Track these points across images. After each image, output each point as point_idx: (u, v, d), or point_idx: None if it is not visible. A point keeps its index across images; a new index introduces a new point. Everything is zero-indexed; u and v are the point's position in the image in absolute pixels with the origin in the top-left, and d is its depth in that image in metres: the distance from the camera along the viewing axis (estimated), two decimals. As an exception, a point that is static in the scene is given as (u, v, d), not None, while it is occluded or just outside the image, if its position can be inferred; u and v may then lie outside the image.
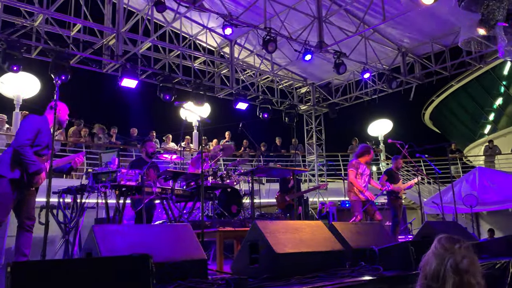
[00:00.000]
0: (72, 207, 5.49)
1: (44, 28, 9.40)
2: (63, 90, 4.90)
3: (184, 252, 3.44)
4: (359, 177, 6.83)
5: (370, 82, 13.17)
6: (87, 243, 3.26)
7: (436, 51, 11.85)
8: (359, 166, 6.87)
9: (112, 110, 16.12)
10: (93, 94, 15.58)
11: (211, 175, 7.50)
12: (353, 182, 6.79)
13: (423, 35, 11.35)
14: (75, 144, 11.16)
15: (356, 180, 6.79)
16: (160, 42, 10.97)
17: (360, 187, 6.77)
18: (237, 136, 12.82)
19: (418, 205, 12.01)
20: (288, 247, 3.70)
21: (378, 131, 15.69)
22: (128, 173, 5.11)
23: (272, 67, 12.48)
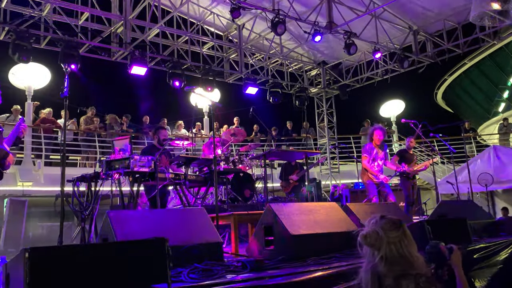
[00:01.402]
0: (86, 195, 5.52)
1: (52, 18, 9.39)
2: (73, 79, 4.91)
3: (200, 236, 3.46)
4: (372, 162, 6.77)
5: (382, 62, 12.98)
6: (103, 229, 3.29)
7: (448, 28, 11.61)
8: (371, 150, 6.80)
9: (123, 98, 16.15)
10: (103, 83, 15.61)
11: (223, 160, 7.51)
12: (366, 167, 6.76)
13: (435, 12, 11.11)
14: (86, 133, 11.22)
15: (368, 165, 6.74)
16: (168, 28, 10.91)
17: (374, 172, 6.70)
18: (247, 121, 12.80)
19: (432, 186, 11.93)
20: (302, 228, 3.70)
21: (390, 112, 15.52)
22: (141, 159, 5.12)
23: (281, 50, 12.35)
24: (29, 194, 9.10)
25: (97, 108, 11.49)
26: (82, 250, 2.37)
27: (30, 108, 10.51)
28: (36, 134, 10.54)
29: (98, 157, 10.80)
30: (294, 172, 9.01)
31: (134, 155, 5.11)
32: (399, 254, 1.96)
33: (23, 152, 10.27)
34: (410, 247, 1.99)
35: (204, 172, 6.52)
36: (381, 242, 1.98)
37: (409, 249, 1.98)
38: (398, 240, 1.98)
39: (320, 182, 11.99)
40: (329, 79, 14.44)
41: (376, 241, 1.99)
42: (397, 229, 2.00)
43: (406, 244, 1.99)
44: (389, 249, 1.96)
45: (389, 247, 1.96)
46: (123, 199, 5.77)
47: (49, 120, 10.69)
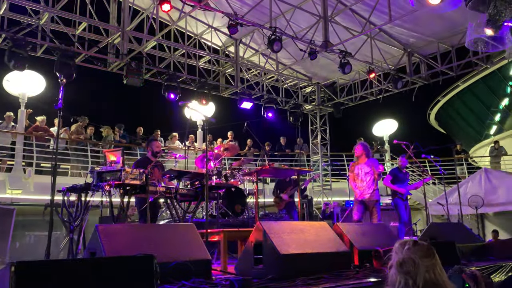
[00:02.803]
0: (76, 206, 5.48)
1: (50, 27, 9.42)
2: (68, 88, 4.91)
3: (188, 252, 3.44)
4: (356, 178, 6.86)
5: (376, 82, 13.11)
6: (91, 242, 3.26)
7: (442, 51, 11.78)
8: (354, 168, 6.94)
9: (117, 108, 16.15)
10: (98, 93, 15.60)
11: (215, 175, 7.50)
12: (351, 185, 6.99)
13: (429, 35, 11.28)
14: (77, 142, 11.16)
15: (352, 183, 6.93)
16: (165, 41, 10.97)
17: (354, 189, 6.88)
18: (241, 136, 12.82)
19: (423, 206, 11.96)
20: (292, 248, 3.69)
21: (383, 131, 15.63)
22: (132, 172, 5.11)
23: (277, 67, 12.45)
24: (18, 202, 9.00)
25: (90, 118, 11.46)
26: (70, 265, 2.35)
27: (23, 115, 10.46)
28: (28, 142, 10.47)
29: (89, 166, 10.75)
30: (288, 188, 9.01)
31: (125, 167, 5.11)
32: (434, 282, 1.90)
33: (14, 160, 10.19)
34: (443, 275, 1.94)
35: (196, 186, 6.52)
36: (417, 270, 1.91)
37: (443, 277, 1.93)
38: (433, 268, 1.92)
39: (312, 198, 11.99)
40: (324, 96, 14.55)
41: (412, 268, 1.92)
42: (431, 256, 1.95)
43: (439, 271, 1.93)
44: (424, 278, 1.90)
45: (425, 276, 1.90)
46: (113, 210, 5.73)
47: (42, 128, 10.65)
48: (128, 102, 14.37)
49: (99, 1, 9.92)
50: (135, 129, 12.33)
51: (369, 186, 6.75)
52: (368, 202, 6.74)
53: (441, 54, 11.81)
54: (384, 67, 12.03)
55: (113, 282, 2.36)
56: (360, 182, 6.80)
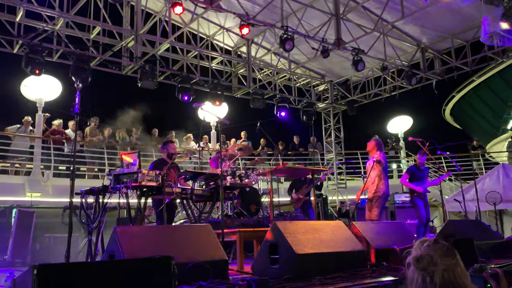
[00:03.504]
0: (94, 208, 5.56)
1: (65, 32, 9.56)
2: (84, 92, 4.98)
3: (205, 253, 3.47)
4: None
5: (389, 79, 13.01)
6: (110, 244, 3.31)
7: (456, 46, 11.62)
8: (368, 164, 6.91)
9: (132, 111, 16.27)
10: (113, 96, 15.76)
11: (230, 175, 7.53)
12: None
13: (443, 30, 11.15)
14: (92, 145, 11.28)
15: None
16: (178, 43, 11.04)
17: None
18: (255, 135, 12.84)
19: (439, 203, 11.83)
20: (308, 247, 3.70)
21: (398, 128, 15.48)
22: (148, 174, 5.16)
23: (289, 66, 12.44)
24: (37, 205, 9.17)
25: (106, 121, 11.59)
26: (90, 267, 2.40)
27: (41, 120, 10.64)
28: (45, 145, 10.65)
29: (106, 169, 10.88)
30: (303, 187, 9.00)
31: (142, 169, 5.16)
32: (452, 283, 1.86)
33: (32, 163, 10.37)
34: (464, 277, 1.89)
35: (211, 187, 6.55)
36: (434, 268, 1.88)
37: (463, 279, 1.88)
38: (452, 268, 1.87)
39: (327, 197, 11.95)
40: (337, 94, 14.48)
41: (429, 265, 1.88)
42: (452, 256, 1.90)
43: (460, 273, 1.88)
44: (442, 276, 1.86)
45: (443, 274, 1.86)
46: (130, 212, 5.80)
47: (59, 131, 10.81)
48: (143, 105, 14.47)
49: (112, 5, 10.03)
50: (150, 131, 12.43)
51: (372, 181, 6.66)
52: (372, 198, 6.63)
53: (456, 49, 11.66)
54: (398, 63, 11.92)
55: (132, 283, 2.40)
56: (368, 177, 6.74)
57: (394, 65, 11.98)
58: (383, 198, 6.57)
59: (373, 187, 6.59)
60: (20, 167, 10.46)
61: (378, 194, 6.56)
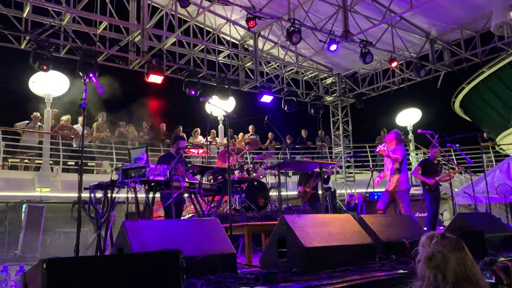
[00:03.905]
0: (103, 202, 5.60)
1: (72, 27, 9.59)
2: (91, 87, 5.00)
3: (213, 246, 3.48)
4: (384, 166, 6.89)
5: (398, 71, 12.90)
6: (119, 238, 3.33)
7: (466, 37, 11.49)
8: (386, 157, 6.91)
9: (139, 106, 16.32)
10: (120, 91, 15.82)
11: (237, 169, 7.54)
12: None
13: (452, 21, 11.02)
14: (100, 139, 11.35)
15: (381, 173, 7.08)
16: (185, 37, 11.03)
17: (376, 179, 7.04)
18: (262, 129, 12.81)
19: (449, 196, 11.74)
20: (316, 241, 3.69)
21: (407, 121, 15.38)
22: (156, 168, 5.18)
23: (296, 59, 12.38)
24: (47, 200, 9.25)
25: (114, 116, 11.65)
26: (99, 262, 2.41)
27: (49, 115, 10.72)
28: (54, 141, 10.73)
29: (114, 163, 10.96)
30: (310, 180, 9.00)
31: (150, 164, 5.18)
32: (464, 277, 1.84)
33: (42, 159, 10.46)
34: (474, 268, 1.88)
35: (218, 181, 6.57)
36: (446, 265, 1.86)
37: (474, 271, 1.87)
38: (463, 262, 1.86)
39: (335, 191, 11.94)
40: (345, 87, 14.40)
41: (441, 263, 1.87)
42: (461, 249, 1.89)
43: (470, 265, 1.87)
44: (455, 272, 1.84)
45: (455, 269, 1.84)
46: (139, 206, 5.83)
47: (68, 127, 10.89)
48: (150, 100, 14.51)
49: (119, 0, 10.04)
50: (158, 126, 12.47)
51: (391, 175, 6.65)
52: (392, 192, 6.64)
53: (465, 40, 11.53)
54: (406, 55, 11.82)
55: (141, 277, 2.41)
56: (387, 170, 6.74)
57: (402, 57, 11.88)
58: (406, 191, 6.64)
59: (392, 180, 6.59)
60: (29, 162, 10.56)
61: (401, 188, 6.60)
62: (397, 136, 6.81)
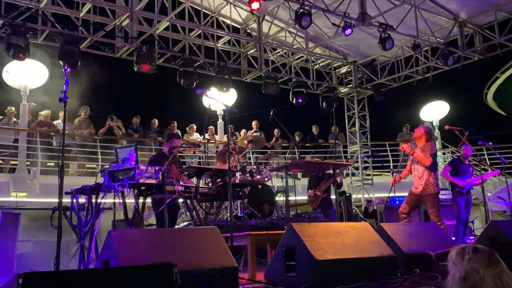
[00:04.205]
0: (87, 209, 5.61)
1: (51, 10, 9.61)
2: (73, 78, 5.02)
3: (212, 259, 3.48)
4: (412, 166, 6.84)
5: (422, 59, 12.87)
6: (104, 250, 3.35)
7: (500, 19, 11.43)
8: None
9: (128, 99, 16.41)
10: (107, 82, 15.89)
11: (239, 171, 7.55)
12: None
13: (484, 1, 10.97)
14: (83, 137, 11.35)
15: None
16: (179, 21, 11.03)
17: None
18: (267, 125, 12.82)
19: (481, 201, 11.71)
20: (329, 253, 3.69)
21: (432, 115, 15.35)
22: (147, 170, 5.18)
23: (306, 45, 12.36)
24: (23, 206, 9.28)
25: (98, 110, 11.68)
26: (82, 276, 2.42)
27: (26, 110, 10.73)
28: (31, 139, 10.75)
29: (100, 165, 10.98)
30: (321, 183, 9.00)
31: (140, 165, 5.19)
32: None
33: (17, 159, 10.49)
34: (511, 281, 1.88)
35: (218, 184, 6.57)
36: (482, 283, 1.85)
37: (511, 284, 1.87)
38: (499, 277, 1.86)
39: (351, 195, 11.92)
40: (362, 77, 14.38)
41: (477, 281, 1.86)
42: (496, 263, 1.89)
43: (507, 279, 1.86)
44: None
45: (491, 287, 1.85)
46: (127, 213, 5.85)
47: (47, 123, 10.91)
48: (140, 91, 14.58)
49: (104, -22, 10.07)
50: (149, 121, 12.50)
51: (419, 176, 6.61)
52: (420, 196, 6.59)
53: (499, 23, 11.47)
54: (432, 40, 11.78)
55: (130, 294, 2.42)
56: (414, 171, 6.72)
57: (427, 42, 11.84)
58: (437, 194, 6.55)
59: (420, 182, 6.54)
60: (3, 163, 10.60)
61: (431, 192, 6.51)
62: (427, 131, 6.78)
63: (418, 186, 6.57)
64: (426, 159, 6.48)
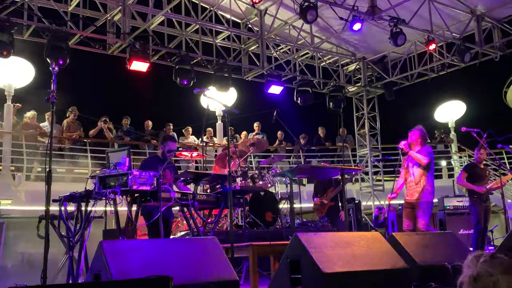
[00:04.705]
0: (76, 217, 5.61)
1: (37, 3, 9.63)
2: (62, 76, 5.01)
3: (211, 272, 3.48)
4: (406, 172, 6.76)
5: (437, 55, 12.87)
6: (95, 262, 3.34)
7: (521, 13, 11.45)
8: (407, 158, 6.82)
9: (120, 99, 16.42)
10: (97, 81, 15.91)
11: (240, 176, 7.55)
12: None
13: (504, -8, 10.98)
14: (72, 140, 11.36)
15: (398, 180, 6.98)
16: (175, 15, 11.04)
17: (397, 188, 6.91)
18: (270, 127, 12.81)
19: (501, 209, 11.69)
20: (338, 265, 3.69)
21: (448, 116, 15.35)
22: (141, 176, 5.18)
23: (312, 41, 12.37)
24: (8, 214, 9.29)
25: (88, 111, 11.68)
26: (70, 291, 2.41)
27: (10, 111, 10.74)
28: (16, 142, 10.75)
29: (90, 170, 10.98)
30: (328, 190, 9.00)
31: (133, 171, 5.19)
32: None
33: (1, 164, 10.50)
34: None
35: (217, 191, 6.57)
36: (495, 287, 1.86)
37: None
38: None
39: (360, 203, 11.91)
40: (372, 75, 14.39)
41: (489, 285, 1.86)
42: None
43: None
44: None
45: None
46: (119, 222, 5.84)
47: (33, 125, 10.92)
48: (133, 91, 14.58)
49: (94, -30, 10.09)
50: (142, 123, 12.50)
51: (417, 181, 6.57)
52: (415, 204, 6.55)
53: (520, 17, 11.48)
54: (447, 35, 11.78)
55: (123, 310, 2.41)
56: (409, 176, 6.65)
57: (442, 37, 11.83)
58: (431, 203, 6.54)
59: (416, 189, 6.52)
60: (-14, 169, 10.61)
61: (425, 199, 6.49)
62: (422, 135, 6.77)
63: (414, 193, 6.51)
64: (424, 157, 6.47)
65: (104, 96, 16.12)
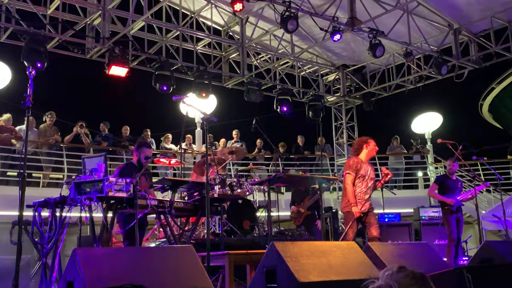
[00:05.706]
0: (50, 223, 5.54)
1: (15, 6, 9.51)
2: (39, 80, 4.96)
3: (186, 281, 3.47)
4: (360, 181, 6.38)
5: (415, 67, 13.04)
6: (69, 269, 3.30)
7: (496, 27, 11.66)
8: (359, 166, 6.42)
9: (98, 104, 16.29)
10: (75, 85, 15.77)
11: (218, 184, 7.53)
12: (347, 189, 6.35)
13: (480, 7, 11.18)
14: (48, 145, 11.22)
15: (351, 188, 6.30)
16: (156, 21, 11.01)
17: (351, 199, 6.22)
18: (249, 135, 12.84)
19: (475, 219, 11.87)
20: (313, 274, 3.70)
21: (424, 127, 15.53)
22: (117, 182, 5.14)
23: (292, 50, 12.44)
24: (-20, 219, 9.12)
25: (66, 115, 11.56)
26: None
27: (-14, 116, 10.60)
28: (-10, 146, 10.60)
29: (65, 175, 10.85)
30: (305, 199, 9.04)
31: (109, 177, 5.14)
32: None
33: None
34: None
35: (194, 199, 6.54)
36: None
37: None
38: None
39: (337, 211, 11.96)
40: (350, 85, 14.50)
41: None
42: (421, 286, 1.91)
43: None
44: None
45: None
46: (94, 229, 5.78)
47: (8, 129, 10.77)
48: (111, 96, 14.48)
49: (75, -27, 10.01)
50: (119, 129, 12.41)
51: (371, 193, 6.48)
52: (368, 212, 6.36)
53: (496, 32, 11.69)
54: (425, 48, 11.95)
55: (95, 319, 2.39)
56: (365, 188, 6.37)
57: (420, 50, 12.00)
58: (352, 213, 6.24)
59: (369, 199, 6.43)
60: (-42, 173, 10.41)
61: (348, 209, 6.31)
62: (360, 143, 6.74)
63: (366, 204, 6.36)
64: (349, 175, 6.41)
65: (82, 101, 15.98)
